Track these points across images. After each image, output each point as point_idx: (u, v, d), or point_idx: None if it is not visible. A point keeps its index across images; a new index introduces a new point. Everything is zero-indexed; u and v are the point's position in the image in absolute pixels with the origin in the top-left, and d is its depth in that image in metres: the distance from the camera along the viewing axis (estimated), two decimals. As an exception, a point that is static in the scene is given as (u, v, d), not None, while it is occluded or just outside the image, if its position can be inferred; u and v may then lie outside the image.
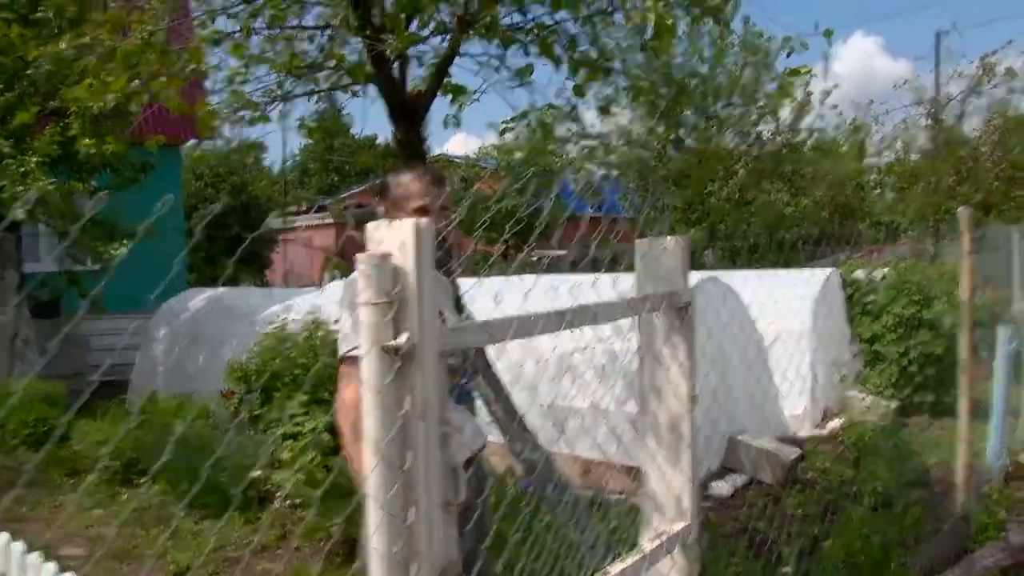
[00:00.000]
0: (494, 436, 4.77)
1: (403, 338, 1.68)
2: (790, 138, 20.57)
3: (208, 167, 26.53)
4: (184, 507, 6.08)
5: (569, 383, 5.84)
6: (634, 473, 6.03)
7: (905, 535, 4.67)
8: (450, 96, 4.15)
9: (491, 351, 4.65)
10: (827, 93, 18.10)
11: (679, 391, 2.71)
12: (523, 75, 4.06)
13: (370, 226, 1.76)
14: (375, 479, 1.68)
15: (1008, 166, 18.86)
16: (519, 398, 4.98)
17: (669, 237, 2.78)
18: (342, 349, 2.92)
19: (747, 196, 18.68)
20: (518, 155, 24.04)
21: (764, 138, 20.45)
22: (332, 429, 5.94)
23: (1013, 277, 9.99)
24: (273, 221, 29.01)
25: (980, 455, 5.92)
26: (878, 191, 32.57)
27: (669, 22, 3.24)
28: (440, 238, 2.68)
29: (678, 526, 2.69)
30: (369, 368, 1.69)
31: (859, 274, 9.50)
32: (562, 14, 4.14)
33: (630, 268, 2.81)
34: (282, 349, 6.86)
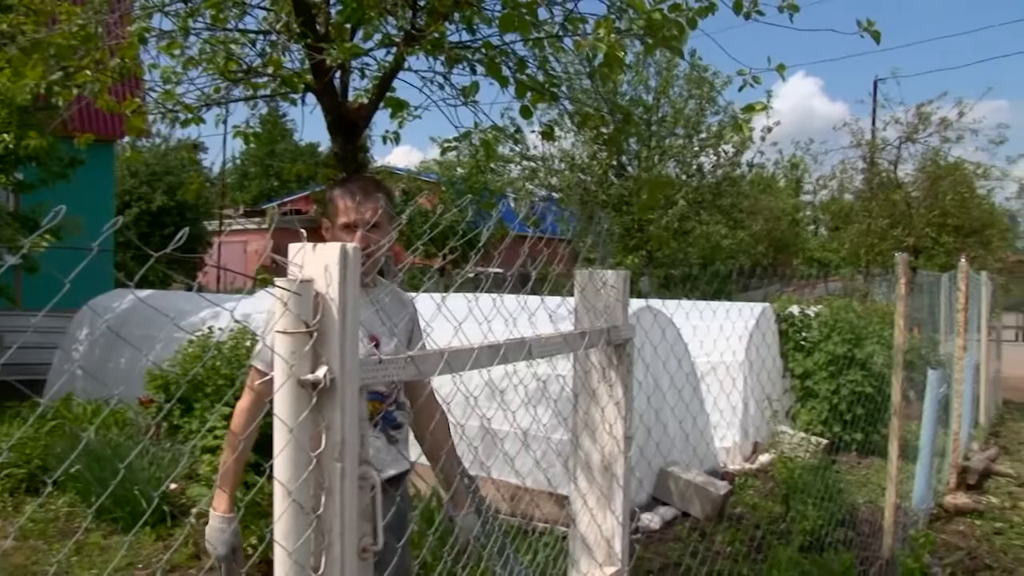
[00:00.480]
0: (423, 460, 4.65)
1: (321, 372, 1.55)
2: (730, 171, 20.86)
3: (145, 165, 26.01)
4: (92, 520, 5.82)
5: (496, 407, 5.73)
6: (562, 501, 5.94)
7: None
8: (390, 110, 4.03)
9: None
10: (768, 129, 18.41)
11: (614, 430, 2.61)
12: (469, 93, 3.96)
13: (292, 248, 1.63)
14: (283, 524, 1.54)
15: (939, 213, 19.37)
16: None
17: (610, 271, 2.69)
18: (253, 357, 2.86)
19: (686, 226, 18.86)
20: (460, 171, 24.00)
21: (705, 170, 20.71)
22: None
23: (939, 321, 10.19)
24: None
25: (906, 496, 5.95)
26: (812, 228, 33.29)
27: (620, 53, 3.17)
28: (367, 252, 2.56)
29: (609, 570, 2.59)
30: (282, 403, 1.55)
31: (793, 309, 9.58)
32: (510, 35, 4.06)
33: (566, 291, 2.72)
34: (206, 357, 6.63)
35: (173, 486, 6.24)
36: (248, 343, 6.78)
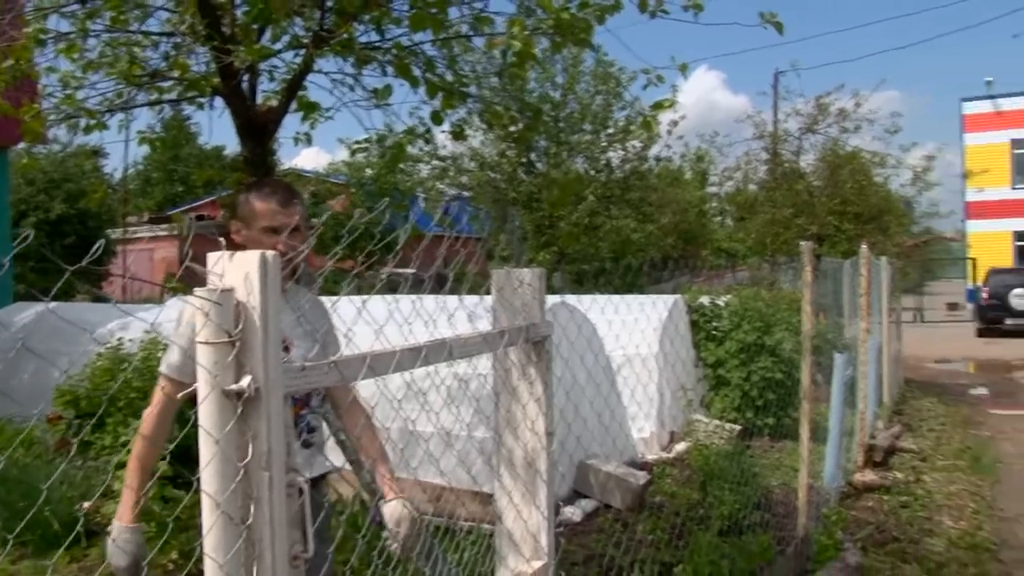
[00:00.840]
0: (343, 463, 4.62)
1: (246, 381, 1.54)
2: (638, 166, 21.18)
3: (42, 172, 25.07)
4: None
5: (418, 408, 5.72)
6: (485, 499, 5.96)
7: (754, 562, 4.77)
8: (302, 113, 3.98)
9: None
10: (674, 123, 18.75)
11: (536, 426, 2.65)
12: (382, 96, 3.94)
13: (211, 257, 1.62)
14: (213, 537, 1.53)
15: (840, 201, 20.04)
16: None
17: (526, 269, 2.72)
18: (161, 364, 2.75)
19: (596, 221, 19.10)
20: (369, 172, 23.82)
21: (613, 165, 20.99)
22: (167, 457, 5.62)
23: (843, 306, 10.54)
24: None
25: (817, 476, 6.15)
26: (719, 219, 34.06)
27: (533, 50, 3.20)
28: (288, 258, 2.52)
29: (536, 565, 2.63)
30: (207, 414, 1.54)
31: (704, 300, 9.79)
32: (419, 35, 4.06)
33: (483, 290, 2.74)
34: (118, 371, 6.45)
35: (87, 505, 6.07)
36: (160, 354, 6.63)
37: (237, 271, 1.59)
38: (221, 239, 2.67)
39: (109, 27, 4.42)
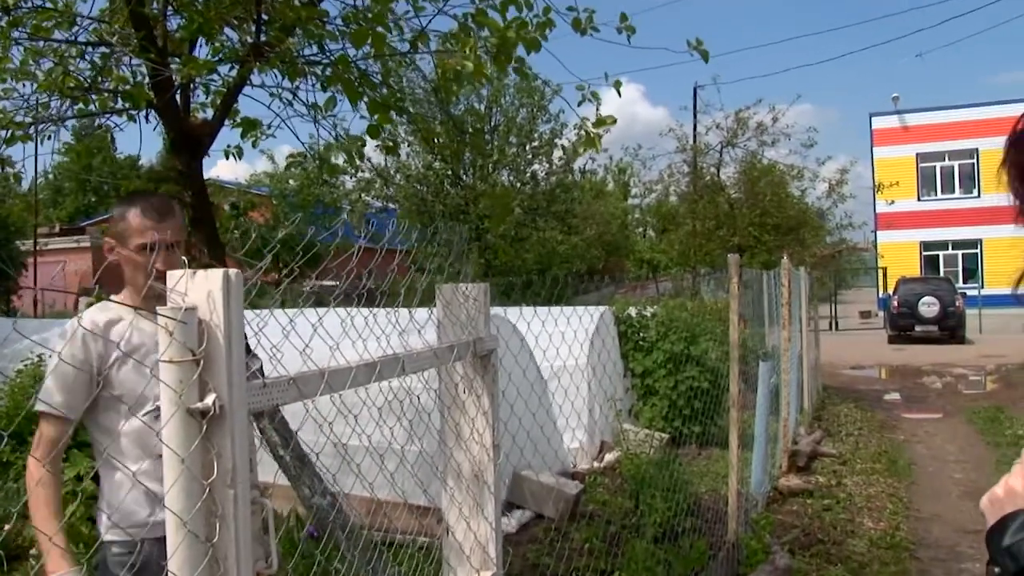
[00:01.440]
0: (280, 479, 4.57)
1: (210, 399, 1.55)
2: (563, 178, 21.40)
3: (-55, 183, 24.16)
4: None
5: (353, 420, 5.67)
6: (420, 512, 5.96)
7: (689, 567, 4.87)
8: (240, 129, 3.95)
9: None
10: (599, 137, 18.94)
11: (484, 439, 2.68)
12: (327, 108, 3.92)
13: (172, 275, 1.61)
14: (179, 556, 1.53)
15: (759, 213, 20.54)
16: (305, 437, 4.79)
17: (471, 284, 2.76)
18: (38, 403, 2.51)
19: (522, 233, 19.23)
20: (292, 183, 23.56)
21: (539, 177, 21.17)
22: (97, 475, 5.47)
23: (764, 316, 10.82)
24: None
25: (744, 482, 6.31)
26: (641, 231, 34.59)
27: (485, 71, 3.24)
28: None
29: (485, 575, 2.66)
30: (172, 433, 1.54)
31: (631, 311, 9.94)
32: (352, 50, 4.06)
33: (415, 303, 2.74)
34: (37, 388, 6.25)
35: (7, 527, 5.87)
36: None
37: (200, 289, 1.59)
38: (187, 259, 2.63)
39: (31, 35, 4.31)
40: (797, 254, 18.72)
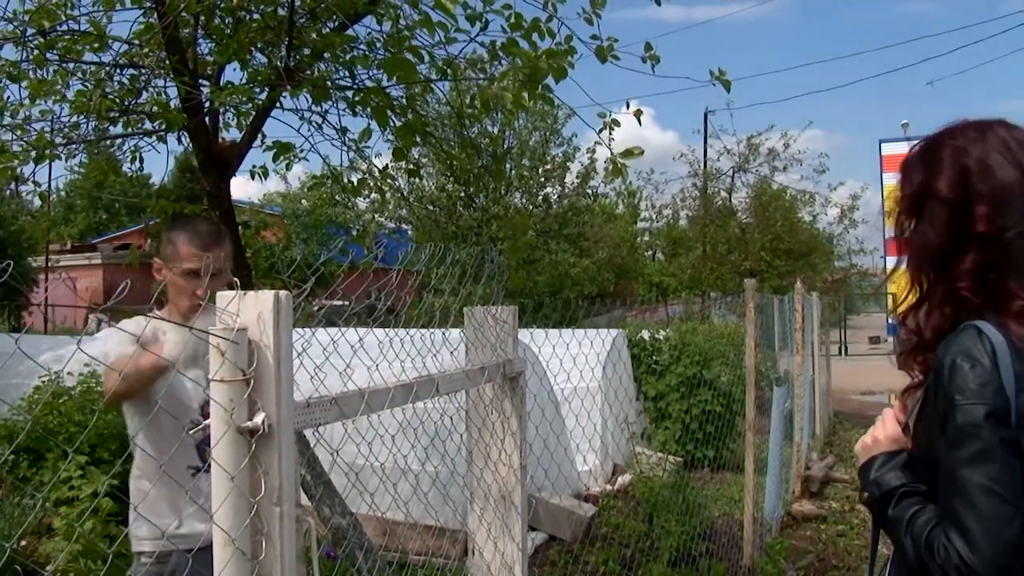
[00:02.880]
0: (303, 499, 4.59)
1: (259, 418, 1.58)
2: (575, 201, 21.48)
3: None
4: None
5: (370, 439, 5.69)
6: (435, 533, 5.97)
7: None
8: (266, 150, 4.01)
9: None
10: (612, 162, 19.04)
11: (511, 460, 2.71)
12: (362, 140, 3.99)
13: (223, 296, 1.65)
14: (227, 573, 1.55)
15: (771, 237, 20.59)
16: (320, 456, 4.82)
17: (501, 307, 2.80)
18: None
19: (535, 255, 19.29)
20: (304, 203, 23.67)
21: (551, 200, 21.26)
22: (114, 493, 5.50)
23: (775, 340, 10.82)
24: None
25: (758, 507, 6.30)
26: (650, 253, 34.63)
27: (525, 103, 3.30)
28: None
29: (510, 597, 2.68)
30: (222, 451, 1.57)
31: (644, 334, 9.96)
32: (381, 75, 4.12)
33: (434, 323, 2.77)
34: (57, 404, 6.29)
35: (24, 543, 5.90)
36: (100, 388, 6.50)
37: (251, 310, 1.62)
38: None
39: (63, 57, 4.38)
40: (808, 279, 18.75)
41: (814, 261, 21.19)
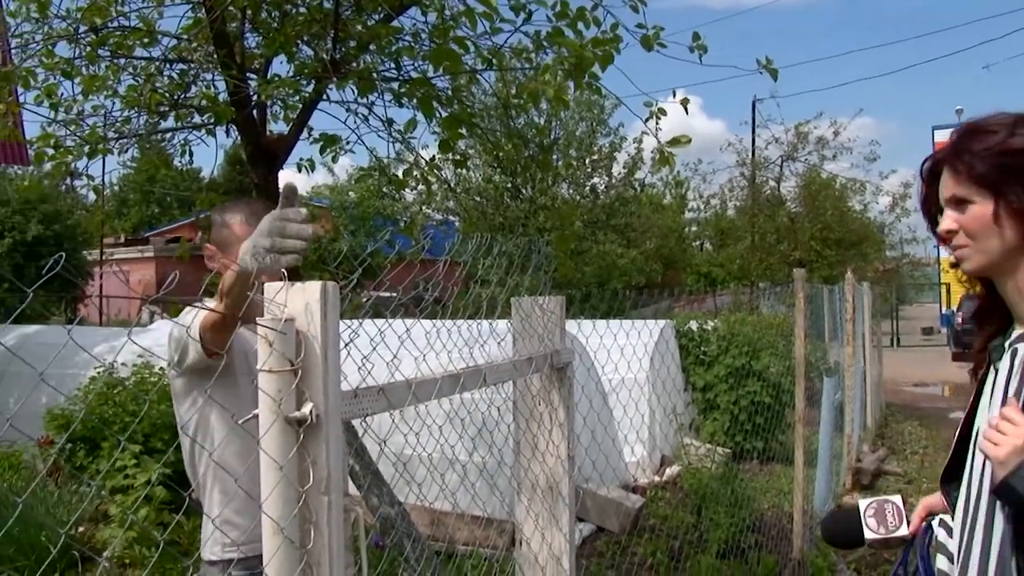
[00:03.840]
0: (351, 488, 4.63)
1: (307, 408, 1.59)
2: (623, 191, 21.38)
3: (18, 193, 24.89)
4: (-5, 569, 5.57)
5: (417, 429, 5.73)
6: (482, 523, 5.98)
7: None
8: (314, 143, 4.04)
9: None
10: (659, 151, 18.93)
11: (559, 451, 2.70)
12: (407, 131, 4.00)
13: (271, 287, 1.66)
14: (276, 562, 1.57)
15: (821, 227, 20.30)
16: (368, 446, 4.85)
17: (548, 297, 2.78)
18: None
19: (582, 246, 19.25)
20: (352, 195, 23.83)
21: (598, 190, 21.18)
22: (166, 482, 5.60)
23: (825, 331, 10.67)
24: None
25: (808, 499, 6.23)
26: (698, 244, 34.36)
27: (565, 97, 3.28)
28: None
29: (558, 588, 2.67)
30: (270, 441, 1.58)
31: (692, 325, 9.89)
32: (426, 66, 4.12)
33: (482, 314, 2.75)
34: (112, 395, 6.41)
35: (81, 529, 6.03)
36: (154, 379, 6.61)
37: (298, 301, 1.63)
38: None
39: (114, 53, 4.45)
40: (859, 269, 18.47)
41: (865, 251, 20.87)
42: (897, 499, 2.14)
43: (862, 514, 2.12)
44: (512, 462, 2.77)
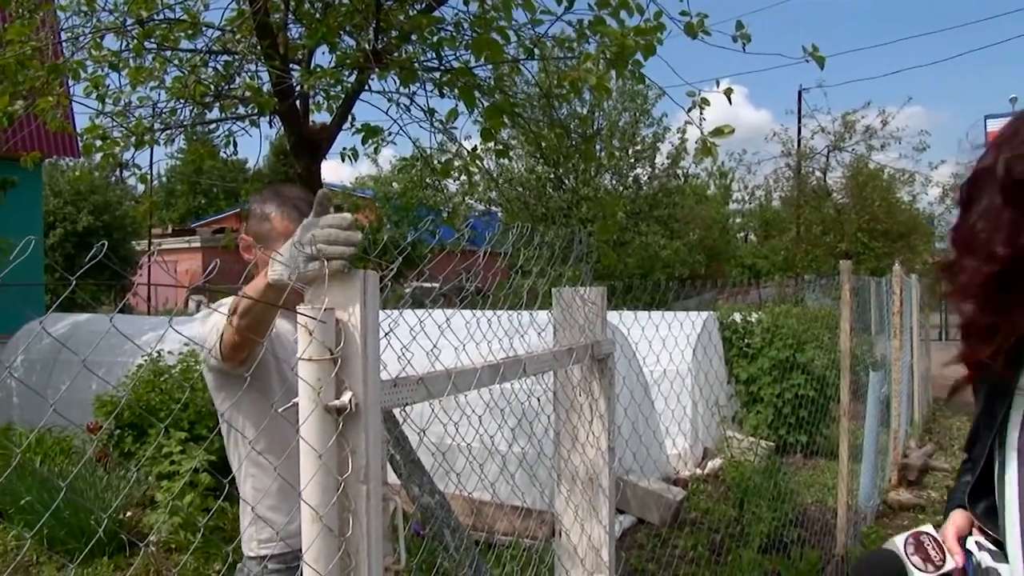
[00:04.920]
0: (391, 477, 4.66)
1: (347, 397, 1.59)
2: (666, 182, 21.24)
3: (69, 184, 25.41)
4: (45, 552, 5.68)
5: (457, 419, 5.74)
6: (522, 513, 5.99)
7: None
8: (356, 133, 4.05)
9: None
10: (703, 142, 18.78)
11: (599, 442, 2.69)
12: (449, 120, 4.00)
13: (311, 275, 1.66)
14: (315, 549, 1.57)
15: (868, 218, 19.99)
16: (408, 435, 4.87)
17: (590, 287, 2.77)
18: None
19: (624, 237, 19.16)
20: (395, 186, 23.94)
21: (641, 181, 21.05)
22: (211, 469, 5.68)
23: (871, 324, 10.50)
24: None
25: (852, 494, 6.14)
26: (742, 235, 34.03)
27: (608, 85, 3.25)
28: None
29: (597, 580, 2.66)
30: (309, 429, 1.58)
31: (736, 317, 9.80)
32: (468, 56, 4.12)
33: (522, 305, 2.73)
34: (158, 382, 6.51)
35: (129, 514, 6.14)
36: (199, 367, 6.69)
37: (338, 290, 1.63)
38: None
39: (160, 45, 4.50)
40: (907, 261, 18.16)
41: (913, 242, 20.49)
42: (930, 528, 2.00)
43: (902, 553, 1.97)
44: (552, 453, 2.76)
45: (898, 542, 2.01)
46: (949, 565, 1.91)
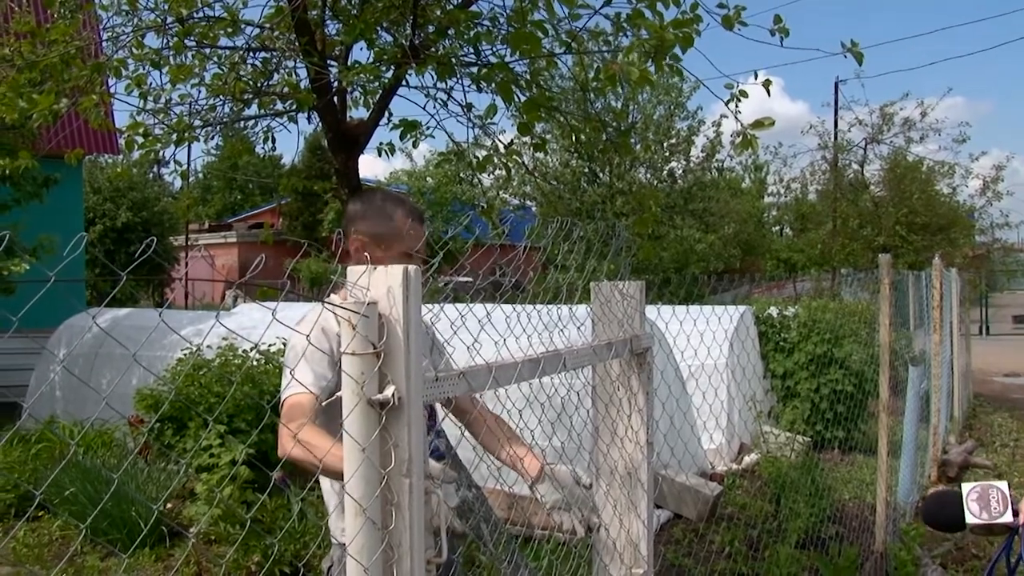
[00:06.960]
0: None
1: (390, 391, 1.60)
2: (700, 176, 21.11)
3: (108, 181, 25.77)
4: (88, 543, 5.78)
5: (497, 412, 5.76)
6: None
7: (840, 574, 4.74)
8: (393, 128, 4.08)
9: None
10: (739, 135, 18.66)
11: (638, 436, 2.68)
12: (487, 116, 4.01)
13: (353, 270, 1.68)
14: (359, 541, 1.59)
15: (907, 212, 19.72)
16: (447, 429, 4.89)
17: (628, 282, 2.76)
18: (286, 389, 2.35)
19: (659, 231, 19.09)
20: (430, 181, 24.01)
21: (676, 175, 20.95)
22: (250, 462, 5.75)
23: (910, 318, 10.38)
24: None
25: (891, 491, 6.08)
26: (777, 229, 33.73)
27: (652, 78, 3.24)
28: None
29: (637, 572, 2.66)
30: (353, 423, 1.60)
31: (772, 311, 9.72)
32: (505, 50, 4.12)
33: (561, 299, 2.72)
34: (198, 376, 6.59)
35: (169, 506, 6.23)
36: (238, 360, 6.76)
37: (380, 285, 1.64)
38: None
39: (199, 42, 4.55)
40: (947, 255, 17.92)
41: (953, 236, 20.19)
42: (1003, 485, 2.09)
43: (964, 498, 2.08)
44: (591, 447, 2.75)
45: (965, 488, 2.11)
46: (1005, 519, 2.00)
